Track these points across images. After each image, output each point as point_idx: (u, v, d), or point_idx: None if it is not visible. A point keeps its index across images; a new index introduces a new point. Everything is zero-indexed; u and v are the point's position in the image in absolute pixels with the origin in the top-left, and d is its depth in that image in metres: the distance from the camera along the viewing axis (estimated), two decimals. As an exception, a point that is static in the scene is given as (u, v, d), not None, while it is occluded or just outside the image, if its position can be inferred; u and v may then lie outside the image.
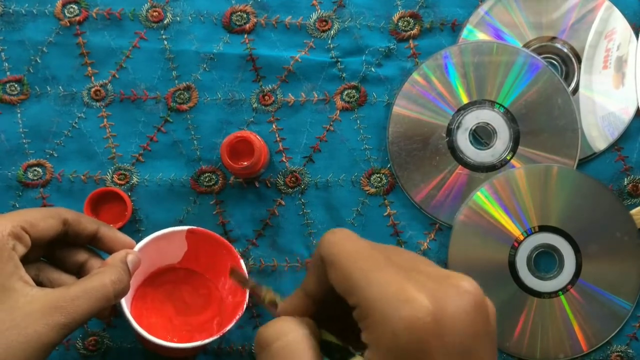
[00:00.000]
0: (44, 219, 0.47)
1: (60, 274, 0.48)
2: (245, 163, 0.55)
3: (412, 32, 0.61)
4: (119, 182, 0.59)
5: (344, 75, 0.61)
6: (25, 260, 0.46)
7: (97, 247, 0.50)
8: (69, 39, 0.61)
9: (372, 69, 0.61)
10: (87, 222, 0.50)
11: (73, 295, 0.43)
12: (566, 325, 0.57)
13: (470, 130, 0.60)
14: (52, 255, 0.50)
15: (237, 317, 0.52)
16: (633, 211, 0.58)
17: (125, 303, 0.50)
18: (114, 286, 0.45)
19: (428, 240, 0.59)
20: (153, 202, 0.59)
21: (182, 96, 0.60)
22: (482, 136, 0.60)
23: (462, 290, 0.30)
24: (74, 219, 0.49)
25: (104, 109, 0.60)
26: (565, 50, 0.60)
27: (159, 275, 0.57)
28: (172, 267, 0.57)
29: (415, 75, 0.60)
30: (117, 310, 0.51)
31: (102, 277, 0.46)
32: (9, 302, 0.42)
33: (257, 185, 0.60)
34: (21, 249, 0.45)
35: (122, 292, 0.47)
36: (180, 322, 0.56)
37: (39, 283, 0.46)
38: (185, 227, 0.55)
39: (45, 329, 0.41)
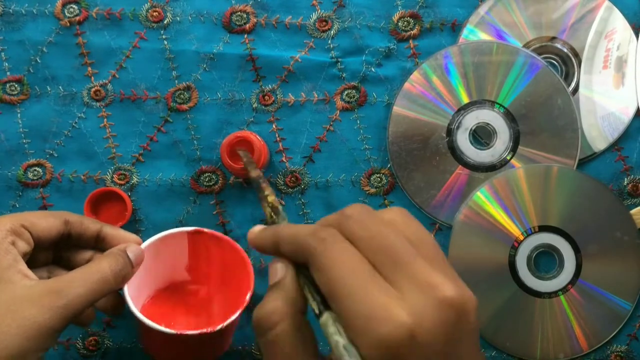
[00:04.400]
0: (45, 218, 0.48)
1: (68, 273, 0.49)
2: (245, 163, 0.55)
3: (412, 32, 0.61)
4: (119, 182, 0.59)
5: (344, 75, 0.61)
6: (36, 262, 0.47)
7: (103, 247, 0.51)
8: (69, 39, 0.61)
9: (372, 69, 0.61)
10: (90, 222, 0.50)
11: (70, 278, 0.44)
12: (566, 325, 0.57)
13: (470, 130, 0.59)
14: (59, 257, 0.50)
15: (238, 313, 0.50)
16: (633, 211, 0.58)
17: (130, 299, 0.49)
18: (111, 268, 0.46)
19: (428, 240, 0.59)
20: (153, 202, 0.59)
21: (182, 96, 0.60)
22: (482, 136, 0.60)
23: (444, 303, 0.32)
24: (76, 220, 0.50)
25: (104, 109, 0.60)
26: (565, 50, 0.60)
27: (185, 291, 0.56)
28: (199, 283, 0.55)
29: (415, 75, 0.60)
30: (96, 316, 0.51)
31: (99, 261, 0.47)
32: (6, 292, 0.42)
33: (257, 185, 0.60)
34: (22, 245, 0.45)
35: (122, 277, 0.47)
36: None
37: None
38: (186, 228, 0.53)
39: (41, 310, 0.41)
